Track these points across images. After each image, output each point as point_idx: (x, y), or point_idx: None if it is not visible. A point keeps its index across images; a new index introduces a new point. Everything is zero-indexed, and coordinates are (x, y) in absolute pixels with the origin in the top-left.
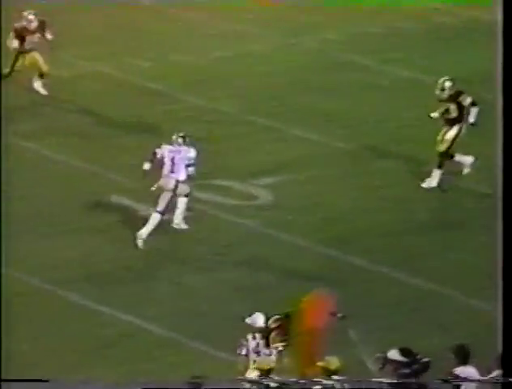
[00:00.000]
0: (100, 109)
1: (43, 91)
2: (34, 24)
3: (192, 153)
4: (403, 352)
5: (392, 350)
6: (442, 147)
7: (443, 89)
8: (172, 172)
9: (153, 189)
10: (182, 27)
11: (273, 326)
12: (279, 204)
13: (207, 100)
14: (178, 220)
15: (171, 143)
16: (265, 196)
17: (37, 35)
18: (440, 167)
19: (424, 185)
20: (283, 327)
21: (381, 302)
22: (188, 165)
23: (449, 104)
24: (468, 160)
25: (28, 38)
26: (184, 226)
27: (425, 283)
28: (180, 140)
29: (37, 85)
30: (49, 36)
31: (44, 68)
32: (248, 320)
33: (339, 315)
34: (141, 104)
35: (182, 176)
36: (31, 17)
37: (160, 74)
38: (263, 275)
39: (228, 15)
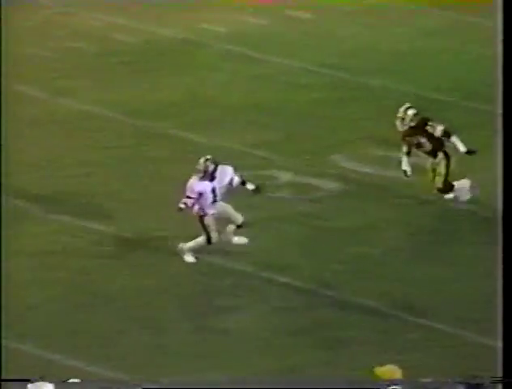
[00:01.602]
0: None
1: None
2: None
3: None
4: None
5: None
6: (439, 184)
7: (403, 119)
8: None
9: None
10: None
11: None
12: None
13: None
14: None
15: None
16: None
17: None
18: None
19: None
20: None
21: None
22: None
23: (417, 137)
24: (466, 184)
25: None
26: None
27: None
28: (208, 163)
29: None
30: None
31: None
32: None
33: None
34: None
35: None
36: None
37: None
38: None
39: None
